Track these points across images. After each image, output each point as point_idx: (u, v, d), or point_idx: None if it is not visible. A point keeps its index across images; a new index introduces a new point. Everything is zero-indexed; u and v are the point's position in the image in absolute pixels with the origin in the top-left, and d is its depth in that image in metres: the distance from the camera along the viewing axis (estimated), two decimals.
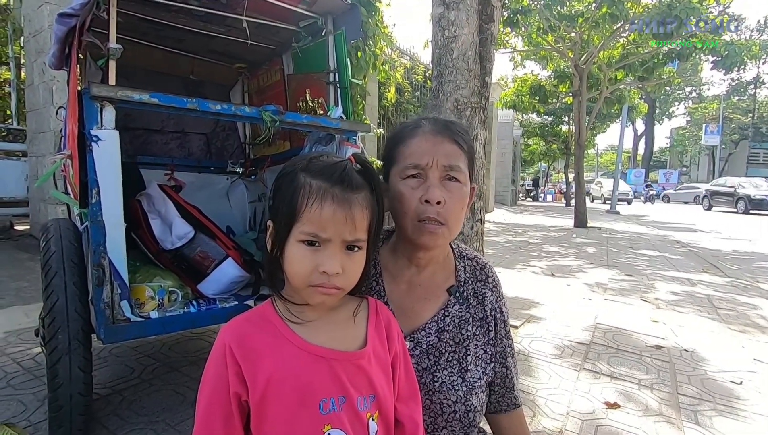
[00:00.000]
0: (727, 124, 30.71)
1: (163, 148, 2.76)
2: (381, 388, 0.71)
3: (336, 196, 0.65)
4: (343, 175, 0.67)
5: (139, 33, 2.26)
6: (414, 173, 0.83)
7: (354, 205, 0.66)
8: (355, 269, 0.69)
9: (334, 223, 0.64)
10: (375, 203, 0.70)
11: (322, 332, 0.71)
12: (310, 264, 0.65)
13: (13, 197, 4.81)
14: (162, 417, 1.62)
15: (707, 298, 3.75)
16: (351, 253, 0.67)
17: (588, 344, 2.53)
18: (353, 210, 0.65)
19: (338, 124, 1.81)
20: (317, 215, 0.64)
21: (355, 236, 0.66)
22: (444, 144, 0.83)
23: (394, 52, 8.03)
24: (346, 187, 0.66)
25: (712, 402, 1.90)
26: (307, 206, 0.64)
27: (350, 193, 0.66)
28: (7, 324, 2.50)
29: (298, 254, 0.66)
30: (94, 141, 1.26)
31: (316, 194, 0.64)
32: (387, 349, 0.75)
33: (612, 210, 15.30)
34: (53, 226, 1.42)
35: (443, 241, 0.84)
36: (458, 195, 0.83)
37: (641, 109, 15.78)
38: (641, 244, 7.36)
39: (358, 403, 0.67)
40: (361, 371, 0.69)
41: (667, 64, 9.84)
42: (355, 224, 0.66)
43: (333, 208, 0.64)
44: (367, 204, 0.68)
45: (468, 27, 2.21)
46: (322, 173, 0.66)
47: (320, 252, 0.65)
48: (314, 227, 0.64)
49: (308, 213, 0.64)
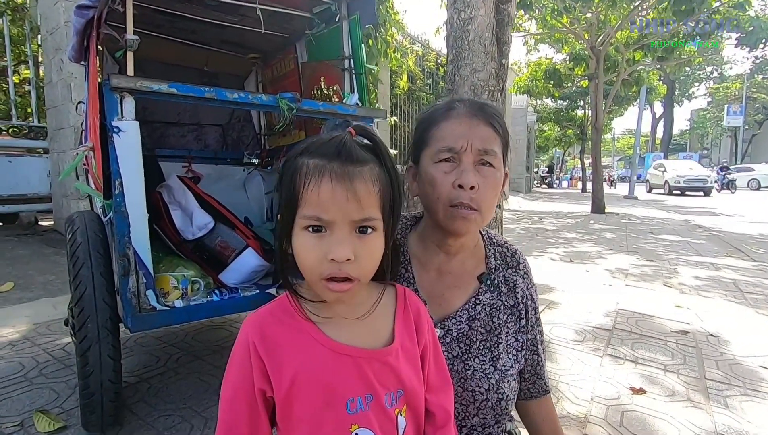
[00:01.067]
0: (750, 104, 29.71)
1: (180, 141, 2.78)
2: (410, 381, 0.68)
3: (334, 171, 0.58)
4: (340, 148, 0.60)
5: (153, 25, 2.27)
6: (447, 157, 0.80)
7: (356, 178, 0.58)
8: (370, 254, 0.61)
9: (335, 202, 0.57)
10: (386, 177, 0.63)
11: (347, 328, 0.67)
12: (318, 253, 0.59)
13: (37, 193, 4.92)
14: (188, 404, 1.65)
15: (733, 282, 3.66)
16: (363, 237, 0.60)
17: (610, 330, 2.49)
18: (355, 184, 0.58)
19: (355, 110, 1.79)
20: (316, 196, 0.57)
21: (363, 214, 0.59)
22: (479, 127, 0.80)
23: (406, 39, 7.94)
24: (345, 161, 0.59)
25: (742, 387, 1.86)
26: (304, 187, 0.58)
27: (351, 166, 0.59)
28: (37, 316, 2.58)
29: (305, 243, 0.60)
30: (116, 132, 1.27)
31: (313, 173, 0.58)
32: (416, 342, 0.71)
33: (630, 195, 14.99)
34: (78, 218, 1.45)
35: (476, 227, 0.82)
36: (492, 180, 0.80)
37: (660, 91, 15.35)
38: (662, 229, 7.20)
39: (385, 400, 0.65)
40: (388, 368, 0.66)
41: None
42: (360, 201, 0.58)
43: (331, 186, 0.57)
44: (374, 177, 0.61)
45: (484, 7, 2.16)
46: (317, 151, 0.60)
47: (327, 238, 0.59)
48: (315, 210, 0.58)
49: (306, 195, 0.58)
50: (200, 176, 2.55)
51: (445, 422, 0.72)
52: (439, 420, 0.72)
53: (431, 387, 0.73)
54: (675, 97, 39.50)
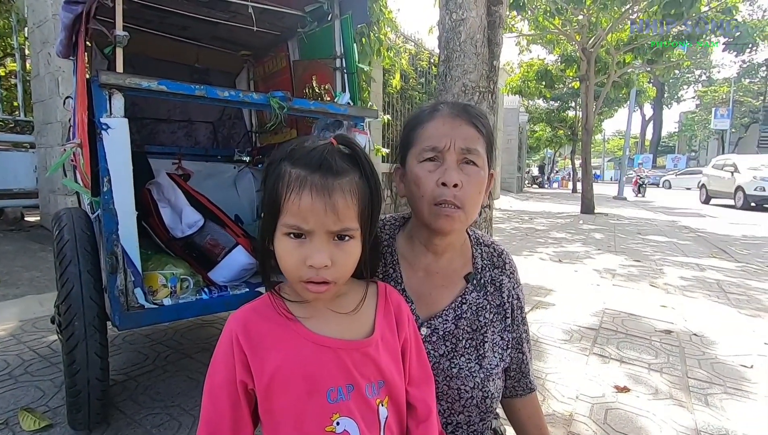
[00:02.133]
0: (737, 108, 30.20)
1: (171, 138, 2.76)
2: (390, 373, 0.70)
3: (315, 184, 0.61)
4: (322, 160, 0.62)
5: (143, 21, 2.25)
6: (431, 156, 0.81)
7: (335, 192, 0.61)
8: (347, 260, 0.65)
9: (314, 213, 0.61)
10: (366, 186, 0.66)
11: (329, 321, 0.70)
12: (297, 257, 0.62)
13: (23, 189, 4.85)
14: (177, 402, 1.65)
15: (717, 283, 3.73)
16: (341, 243, 0.64)
17: (597, 329, 2.53)
18: (334, 198, 0.61)
19: (346, 110, 1.79)
20: (296, 207, 0.61)
21: (340, 226, 0.62)
22: (462, 127, 0.82)
23: (399, 38, 7.93)
24: (326, 173, 0.62)
25: (723, 385, 1.90)
26: (287, 198, 0.61)
27: (331, 180, 0.62)
28: (22, 313, 2.54)
29: (286, 248, 0.63)
30: (104, 129, 1.26)
31: (294, 184, 0.61)
32: (396, 335, 0.74)
33: (619, 196, 15.18)
34: (65, 214, 1.43)
35: (460, 225, 0.83)
36: (476, 179, 0.81)
37: (650, 93, 15.54)
38: (649, 229, 7.31)
39: (366, 390, 0.67)
40: (368, 359, 0.68)
41: (677, 46, 9.65)
42: (338, 213, 0.61)
43: (311, 199, 0.60)
44: (354, 189, 0.64)
45: (476, 9, 2.17)
46: (301, 160, 0.63)
47: (306, 244, 0.62)
48: (296, 219, 0.61)
49: (288, 204, 0.61)
50: (190, 173, 2.53)
51: (427, 416, 0.74)
52: (420, 413, 0.74)
53: (413, 380, 0.75)
54: (664, 99, 40.06)
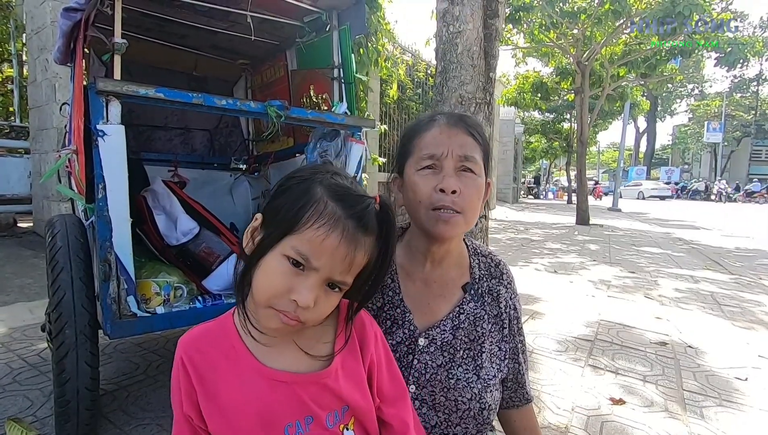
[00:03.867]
0: (729, 122, 30.65)
1: (167, 145, 2.76)
2: (354, 399, 0.67)
3: (348, 231, 0.59)
4: (363, 212, 0.61)
5: (142, 29, 2.26)
6: (429, 164, 0.82)
7: (359, 247, 0.60)
8: (327, 308, 0.63)
9: (332, 256, 0.58)
10: (377, 251, 0.65)
11: (284, 352, 0.65)
12: (284, 284, 0.58)
13: (17, 194, 4.81)
14: (168, 413, 1.62)
15: (711, 295, 3.74)
16: (330, 292, 0.61)
17: (592, 341, 2.53)
18: (356, 252, 0.60)
19: (343, 119, 1.80)
20: (320, 240, 0.57)
21: (344, 278, 0.61)
22: (459, 135, 0.83)
23: (396, 49, 8.00)
24: (359, 226, 0.60)
25: (717, 398, 1.90)
26: (312, 225, 0.58)
27: (361, 235, 0.60)
28: (12, 320, 2.51)
29: (278, 269, 0.59)
30: (100, 136, 1.25)
31: (328, 218, 0.58)
32: (360, 360, 0.70)
33: (614, 207, 15.28)
34: (59, 221, 1.42)
35: (458, 230, 0.83)
36: (473, 185, 0.82)
37: (643, 106, 15.77)
38: (643, 241, 7.34)
39: (327, 421, 0.64)
40: (327, 390, 0.65)
41: (669, 60, 9.81)
42: (351, 267, 0.61)
43: (339, 242, 0.58)
44: (370, 251, 0.63)
45: (473, 22, 2.20)
46: (342, 199, 0.60)
47: (300, 277, 0.58)
48: (311, 251, 0.58)
49: (310, 232, 0.58)
50: (186, 181, 2.52)
51: (404, 432, 0.72)
52: (397, 430, 0.72)
53: (386, 399, 0.72)
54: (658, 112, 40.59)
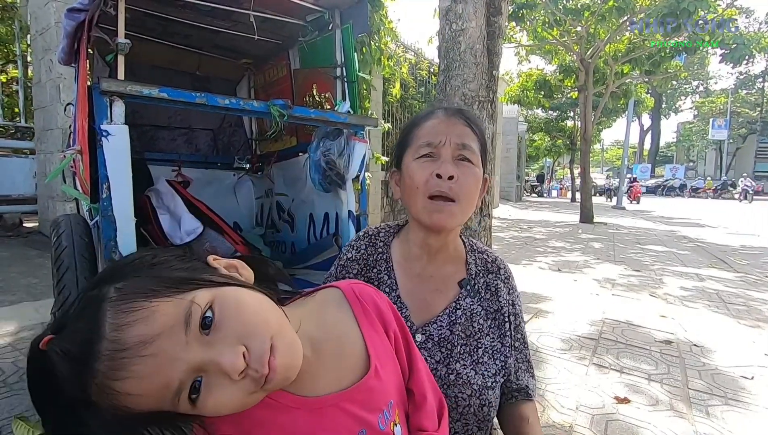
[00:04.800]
0: (734, 119, 30.42)
1: (171, 144, 2.77)
2: (394, 386, 0.65)
3: (106, 373, 0.44)
4: (69, 352, 0.44)
5: (145, 29, 2.26)
6: (427, 152, 0.84)
7: (133, 351, 0.44)
8: (257, 326, 0.50)
9: (157, 377, 0.44)
10: (149, 280, 0.49)
11: (318, 371, 0.59)
12: (232, 395, 0.47)
13: (22, 194, 4.84)
14: None
15: (717, 293, 3.72)
16: (211, 329, 0.47)
17: (596, 339, 2.52)
18: (139, 353, 0.43)
19: (346, 118, 1.80)
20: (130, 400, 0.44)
21: (186, 349, 0.45)
22: (457, 125, 0.85)
23: (399, 48, 7.99)
24: (112, 358, 0.43)
25: (723, 397, 1.89)
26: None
27: (120, 350, 0.43)
28: (19, 319, 2.52)
29: (215, 396, 0.47)
30: (104, 136, 1.26)
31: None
32: (385, 337, 0.66)
33: (618, 205, 15.21)
34: (64, 221, 1.43)
35: (454, 220, 0.84)
36: (471, 173, 0.83)
37: (648, 104, 15.64)
38: (648, 239, 7.30)
39: (380, 423, 0.60)
40: (373, 392, 0.61)
41: (674, 57, 9.74)
42: (165, 350, 0.44)
43: (132, 379, 0.43)
44: (149, 310, 0.46)
45: (476, 20, 2.19)
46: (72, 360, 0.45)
47: (212, 379, 0.46)
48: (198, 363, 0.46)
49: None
50: (190, 180, 2.53)
51: (422, 402, 0.68)
52: (417, 398, 0.68)
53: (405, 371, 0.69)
54: (662, 110, 40.34)
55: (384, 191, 7.76)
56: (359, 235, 0.97)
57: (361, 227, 1.95)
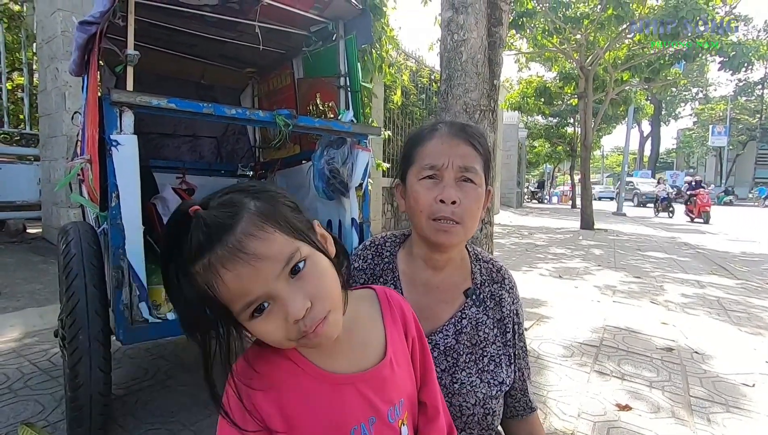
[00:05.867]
0: (734, 125, 30.49)
1: (175, 152, 2.80)
2: (407, 387, 0.68)
3: (219, 258, 0.52)
4: (207, 231, 0.53)
5: (151, 39, 2.30)
6: (430, 174, 0.84)
7: (244, 243, 0.53)
8: (322, 283, 0.58)
9: (247, 280, 0.53)
10: (267, 205, 0.57)
11: (342, 353, 0.64)
12: (279, 326, 0.55)
13: (26, 201, 4.87)
14: (177, 417, 1.64)
15: (717, 300, 3.73)
16: (302, 273, 0.56)
17: (598, 346, 2.53)
18: (248, 249, 0.53)
19: (350, 127, 1.83)
20: (227, 291, 0.53)
21: (281, 262, 0.54)
22: (460, 146, 0.85)
23: (400, 55, 8.06)
24: (220, 238, 0.53)
25: (725, 404, 1.89)
26: (215, 293, 0.54)
27: (230, 237, 0.53)
28: (23, 326, 2.54)
29: (261, 329, 0.56)
30: (114, 145, 1.29)
31: (206, 276, 0.53)
32: (405, 342, 0.71)
33: (618, 212, 15.22)
34: (72, 229, 1.45)
35: (458, 239, 0.85)
36: (473, 195, 0.84)
37: (647, 111, 15.75)
38: (648, 246, 7.31)
39: (389, 416, 0.64)
40: (386, 382, 0.65)
41: (673, 65, 9.81)
42: (266, 256, 0.53)
43: (230, 271, 0.52)
44: (259, 220, 0.54)
45: (477, 30, 2.23)
46: (192, 251, 0.53)
47: (274, 308, 0.55)
48: (241, 300, 0.54)
49: (222, 296, 0.54)
50: (194, 188, 2.56)
51: (435, 415, 0.72)
52: (430, 411, 0.72)
53: (419, 380, 0.73)
54: (662, 116, 40.44)
55: (385, 198, 7.79)
56: (366, 245, 0.99)
57: (364, 234, 1.97)
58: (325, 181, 1.90)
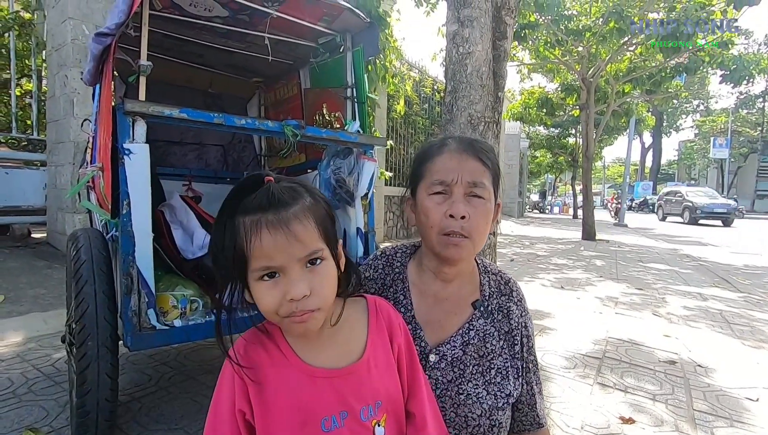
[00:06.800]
0: (735, 138, 30.56)
1: (182, 160, 2.82)
2: (387, 391, 0.72)
3: (269, 221, 0.62)
4: (269, 198, 0.64)
5: (162, 48, 2.34)
6: (440, 189, 0.86)
7: (291, 221, 0.63)
8: (325, 283, 0.66)
9: (278, 247, 0.62)
10: (318, 207, 0.68)
11: (324, 349, 0.71)
12: (275, 296, 0.63)
13: (31, 206, 4.90)
14: (180, 424, 1.64)
15: (720, 313, 3.72)
16: (315, 268, 0.65)
17: (600, 358, 2.52)
18: (292, 226, 0.63)
19: (356, 138, 1.86)
20: (259, 248, 0.62)
21: (307, 251, 0.64)
22: (469, 161, 0.87)
23: (404, 66, 8.13)
24: (277, 207, 0.63)
25: (728, 419, 1.89)
26: (247, 244, 0.62)
27: (283, 211, 0.63)
28: (27, 331, 2.55)
29: (263, 291, 0.64)
30: (127, 154, 1.31)
31: (251, 229, 0.62)
32: (390, 350, 0.76)
33: (620, 222, 15.21)
34: (83, 235, 1.47)
35: (467, 254, 0.87)
36: (482, 210, 0.86)
37: (649, 122, 15.77)
38: (650, 257, 7.30)
39: (361, 414, 0.69)
40: (362, 381, 0.70)
41: (674, 77, 9.88)
42: (301, 239, 0.63)
43: (270, 234, 0.62)
44: (308, 213, 0.66)
45: (482, 44, 2.26)
46: (250, 207, 0.64)
47: (281, 281, 0.63)
48: (262, 260, 0.62)
49: (251, 250, 0.62)
50: (200, 195, 2.58)
51: (423, 426, 0.76)
52: (418, 422, 0.75)
53: (406, 390, 0.77)
54: (663, 128, 40.56)
55: (387, 206, 7.81)
56: (377, 255, 1.00)
57: (368, 244, 1.98)
58: (332, 190, 1.92)
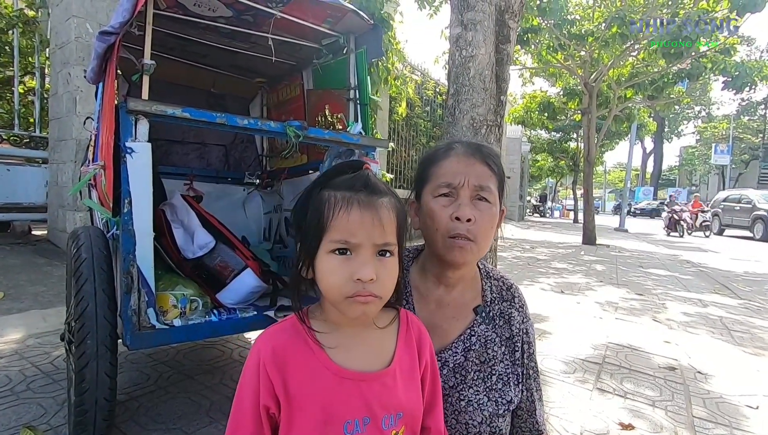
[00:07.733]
0: (737, 144, 30.56)
1: (183, 159, 2.82)
2: (409, 403, 0.71)
3: (361, 200, 0.66)
4: (366, 181, 0.69)
5: (165, 48, 2.34)
6: (446, 192, 0.86)
7: (380, 208, 0.67)
8: (390, 276, 0.68)
9: (363, 226, 0.64)
10: (401, 208, 0.72)
11: (353, 352, 0.71)
12: (343, 273, 0.64)
13: (33, 203, 4.90)
14: (179, 424, 1.64)
15: (720, 319, 3.71)
16: (383, 259, 0.67)
17: (600, 363, 2.52)
18: (380, 212, 0.66)
19: (358, 139, 1.85)
20: (345, 221, 0.64)
21: (385, 239, 0.66)
22: (476, 165, 0.87)
23: (406, 68, 8.15)
24: (370, 193, 0.67)
25: (728, 426, 1.88)
26: (334, 215, 0.65)
27: (375, 198, 0.67)
28: (26, 328, 2.54)
29: (331, 265, 0.65)
30: (128, 153, 1.31)
31: (342, 202, 0.65)
32: (417, 363, 0.75)
33: (620, 227, 15.20)
34: (83, 233, 1.47)
35: (472, 257, 0.86)
36: (488, 214, 0.86)
37: (650, 128, 15.81)
38: (650, 262, 7.30)
39: (383, 422, 0.68)
40: (387, 389, 0.70)
41: (676, 83, 9.89)
42: (384, 227, 0.66)
43: (360, 212, 0.65)
44: (393, 207, 0.69)
45: (485, 47, 2.26)
46: (344, 184, 0.68)
47: (352, 260, 0.65)
48: (343, 234, 0.64)
49: (336, 221, 0.64)
50: (201, 195, 2.58)
51: None
52: None
53: (426, 406, 0.77)
54: (665, 133, 40.61)
55: None
56: None
57: None
58: None
